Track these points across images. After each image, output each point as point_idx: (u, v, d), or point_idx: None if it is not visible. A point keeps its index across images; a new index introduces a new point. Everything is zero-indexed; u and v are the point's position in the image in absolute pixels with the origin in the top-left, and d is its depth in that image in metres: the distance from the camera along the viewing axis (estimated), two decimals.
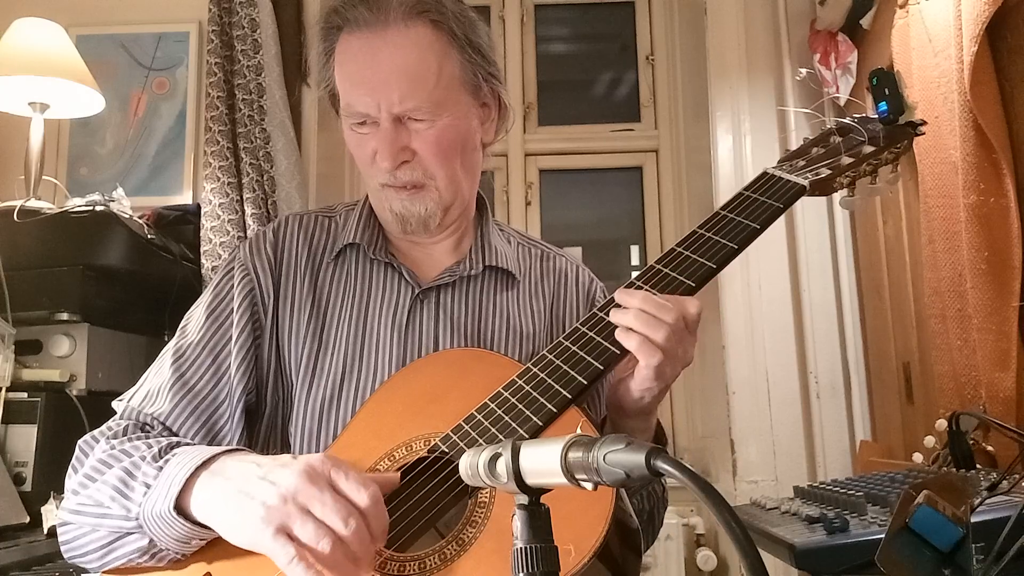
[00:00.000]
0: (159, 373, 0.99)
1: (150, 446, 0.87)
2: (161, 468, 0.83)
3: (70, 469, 0.91)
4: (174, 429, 0.95)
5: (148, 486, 0.82)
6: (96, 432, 0.94)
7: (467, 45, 0.99)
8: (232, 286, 1.03)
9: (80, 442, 0.93)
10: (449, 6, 0.98)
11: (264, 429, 1.01)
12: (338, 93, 1.01)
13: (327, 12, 1.00)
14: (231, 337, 0.99)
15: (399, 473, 0.83)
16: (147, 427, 0.95)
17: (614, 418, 0.93)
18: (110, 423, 0.96)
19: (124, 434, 0.92)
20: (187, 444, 0.89)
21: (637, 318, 0.85)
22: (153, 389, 0.98)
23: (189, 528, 0.80)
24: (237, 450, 0.84)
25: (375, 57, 0.95)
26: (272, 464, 0.78)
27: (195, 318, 1.02)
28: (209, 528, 0.79)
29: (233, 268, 1.04)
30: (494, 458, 0.55)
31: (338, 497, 0.74)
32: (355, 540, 0.73)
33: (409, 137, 0.97)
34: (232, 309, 1.01)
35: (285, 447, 0.99)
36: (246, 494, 0.76)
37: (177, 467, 0.81)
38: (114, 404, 1.00)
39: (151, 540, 0.82)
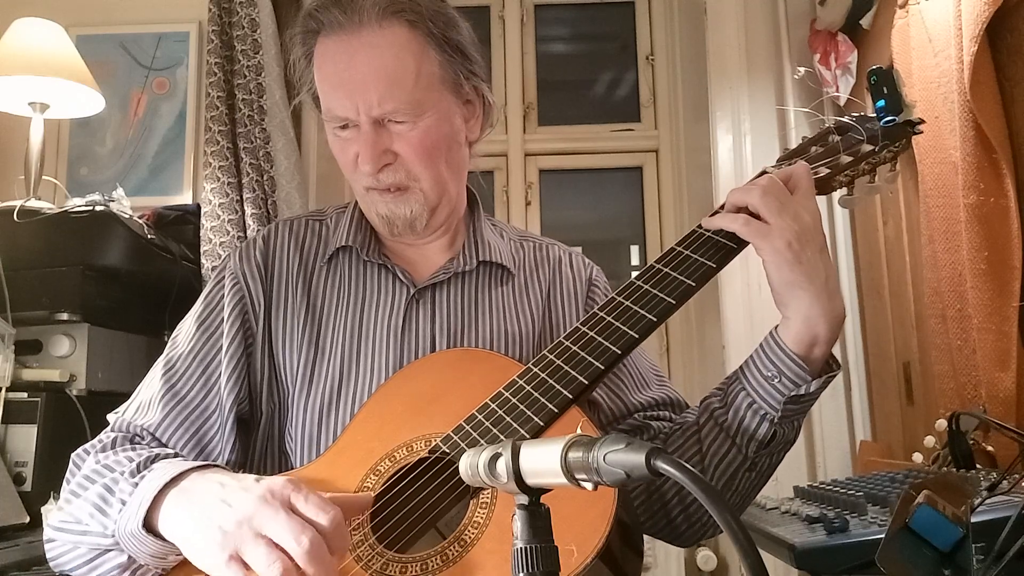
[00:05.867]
0: (150, 385, 0.99)
1: (131, 459, 0.87)
2: (137, 484, 0.82)
3: (64, 482, 0.92)
4: (164, 440, 0.95)
5: (124, 503, 0.82)
6: (88, 445, 0.94)
7: (445, 43, 0.98)
8: (222, 296, 1.02)
9: (73, 455, 0.93)
10: (424, 4, 0.97)
11: (260, 438, 1.00)
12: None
13: (303, 16, 0.99)
14: (221, 347, 0.99)
15: (372, 495, 0.82)
16: (137, 439, 0.95)
17: (781, 309, 0.88)
18: (101, 435, 0.96)
19: (112, 447, 0.92)
20: (168, 457, 0.88)
21: (730, 194, 0.89)
22: (144, 401, 0.97)
23: (161, 545, 0.80)
24: (208, 466, 0.83)
25: (351, 59, 0.94)
26: (234, 485, 0.77)
27: (185, 329, 1.02)
28: None
29: (223, 277, 1.04)
30: (494, 458, 0.55)
31: (292, 516, 0.72)
32: (310, 559, 0.70)
33: (391, 139, 0.96)
34: (222, 319, 1.01)
35: (283, 455, 0.99)
36: (206, 517, 0.75)
37: (149, 483, 0.81)
38: (109, 416, 1.00)
39: (129, 557, 0.82)
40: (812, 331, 0.86)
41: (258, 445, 1.01)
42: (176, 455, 0.91)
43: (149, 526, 0.79)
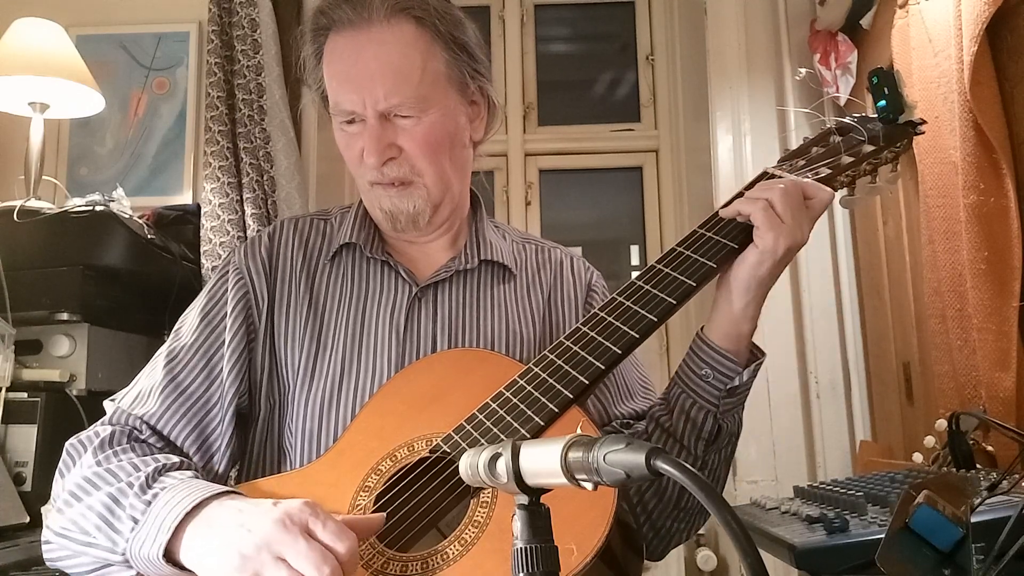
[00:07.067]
0: (151, 375, 0.99)
1: (137, 468, 0.86)
2: (149, 503, 0.82)
3: (57, 473, 0.91)
4: (163, 431, 0.94)
5: (135, 520, 0.81)
6: (83, 436, 0.93)
7: (452, 42, 0.99)
8: (226, 290, 1.03)
9: (67, 444, 0.92)
10: (432, 3, 0.98)
11: (259, 434, 1.01)
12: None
13: (314, 14, 1.01)
14: (224, 340, 0.99)
15: (383, 515, 0.82)
16: (135, 432, 0.94)
17: (721, 305, 0.93)
18: (97, 427, 0.94)
19: (111, 443, 0.91)
20: (174, 467, 0.88)
21: (752, 191, 0.93)
22: (144, 390, 0.97)
23: (177, 572, 0.79)
24: (226, 492, 0.83)
25: (359, 54, 0.96)
26: (252, 510, 0.77)
27: (189, 321, 1.03)
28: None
29: (228, 272, 1.05)
30: (494, 458, 0.55)
31: (313, 544, 0.72)
32: None
33: (396, 134, 0.98)
34: (226, 313, 1.01)
35: (281, 451, 0.99)
36: (225, 543, 0.75)
37: (166, 509, 0.80)
38: (105, 404, 1.00)
39: (137, 573, 0.82)
40: (738, 327, 0.92)
41: (256, 441, 1.01)
42: (181, 463, 0.90)
43: (168, 554, 0.79)
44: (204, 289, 1.05)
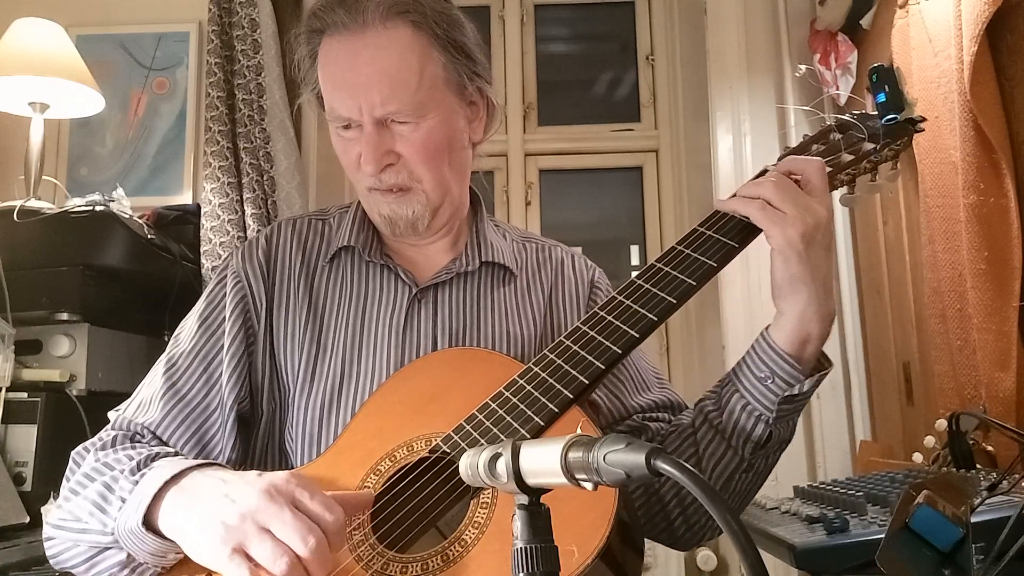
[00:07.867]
0: (151, 383, 0.99)
1: (131, 458, 0.86)
2: (137, 483, 0.82)
3: (63, 480, 0.92)
4: (164, 438, 0.94)
5: (124, 500, 0.82)
6: (87, 443, 0.94)
7: (450, 44, 0.97)
8: (224, 294, 1.02)
9: (73, 453, 0.93)
10: (429, 5, 0.96)
11: (260, 437, 1.00)
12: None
13: (308, 16, 0.99)
14: (223, 346, 0.99)
15: (373, 493, 0.82)
16: (137, 436, 0.95)
17: (780, 307, 0.88)
18: (101, 434, 0.95)
19: (112, 445, 0.92)
20: (168, 456, 0.88)
21: (742, 188, 0.90)
22: (145, 399, 0.97)
23: (160, 543, 0.79)
24: (209, 464, 0.83)
25: (355, 60, 0.94)
26: (237, 481, 0.77)
27: (188, 327, 1.02)
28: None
29: (226, 276, 1.04)
30: (494, 458, 0.55)
31: (298, 515, 0.72)
32: (314, 560, 0.71)
33: (393, 140, 0.96)
34: (224, 317, 1.01)
35: (283, 454, 0.99)
36: (208, 513, 0.75)
37: (149, 481, 0.81)
38: (109, 414, 1.00)
39: (129, 554, 0.82)
40: (805, 329, 0.87)
41: (258, 444, 1.01)
42: (176, 454, 0.91)
43: (149, 524, 0.79)
44: (203, 294, 1.05)
